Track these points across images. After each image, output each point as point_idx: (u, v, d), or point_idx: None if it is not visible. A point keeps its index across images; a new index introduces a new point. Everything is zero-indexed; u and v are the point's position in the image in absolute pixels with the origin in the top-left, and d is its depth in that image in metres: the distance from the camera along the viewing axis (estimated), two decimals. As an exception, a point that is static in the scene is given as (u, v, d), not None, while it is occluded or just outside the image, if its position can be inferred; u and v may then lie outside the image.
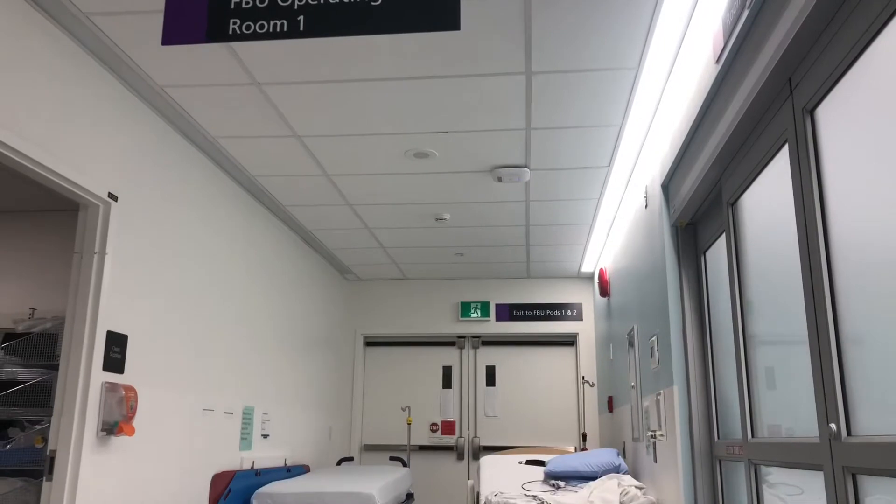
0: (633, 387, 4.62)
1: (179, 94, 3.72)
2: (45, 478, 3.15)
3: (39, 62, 2.99)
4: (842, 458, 1.75)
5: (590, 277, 7.69)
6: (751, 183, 2.60)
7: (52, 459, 3.16)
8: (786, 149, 2.24)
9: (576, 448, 7.24)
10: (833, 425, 1.78)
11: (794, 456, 2.14)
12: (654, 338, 3.88)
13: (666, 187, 3.69)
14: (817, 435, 1.91)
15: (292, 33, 2.16)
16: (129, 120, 3.66)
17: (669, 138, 3.49)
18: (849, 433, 1.75)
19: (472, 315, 7.78)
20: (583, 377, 7.44)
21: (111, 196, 3.48)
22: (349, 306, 7.94)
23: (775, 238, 2.42)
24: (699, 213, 3.39)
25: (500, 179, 4.81)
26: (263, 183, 5.01)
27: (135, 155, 3.71)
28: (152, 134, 3.88)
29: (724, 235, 3.05)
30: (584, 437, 7.25)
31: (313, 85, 3.62)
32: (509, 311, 7.78)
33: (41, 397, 3.74)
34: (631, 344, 4.73)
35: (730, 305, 2.92)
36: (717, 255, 3.24)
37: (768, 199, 2.48)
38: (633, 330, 4.65)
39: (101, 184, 3.41)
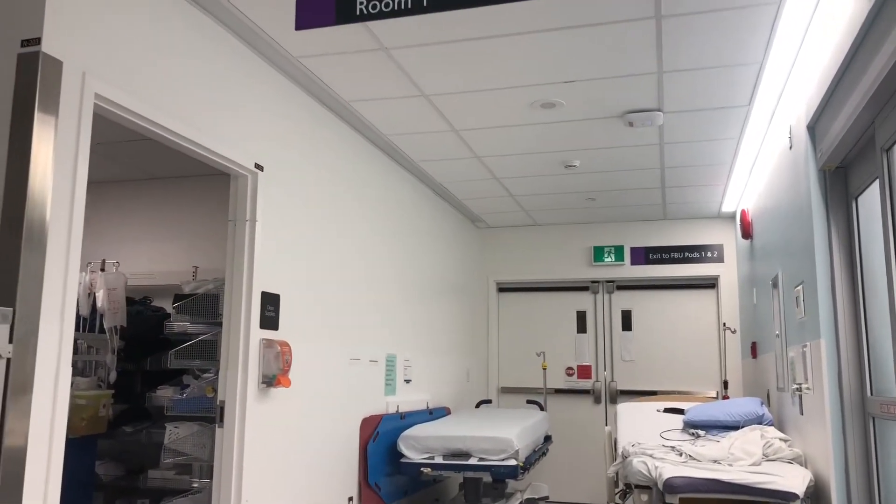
0: (777, 335, 4.45)
1: (313, 63, 3.88)
2: (217, 424, 3.52)
3: (189, 46, 3.22)
4: None
5: (731, 218, 7.36)
6: (908, 128, 2.40)
7: (222, 409, 3.51)
8: (949, 92, 2.05)
9: (717, 394, 7.10)
10: None
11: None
12: (800, 287, 3.71)
13: (812, 129, 3.46)
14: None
15: (416, 9, 2.20)
16: (270, 92, 3.86)
17: (816, 76, 3.25)
18: None
19: (606, 259, 7.70)
20: (724, 324, 7.21)
21: (257, 166, 3.72)
22: (481, 253, 8.07)
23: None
24: (849, 156, 3.16)
25: (631, 124, 4.68)
26: (396, 141, 5.15)
27: (277, 125, 3.93)
28: (292, 103, 4.09)
29: (877, 181, 2.84)
30: (726, 384, 7.07)
31: (437, 45, 3.66)
32: (645, 255, 7.62)
33: (208, 351, 4.13)
34: (775, 287, 4.54)
35: (884, 255, 2.74)
36: (870, 200, 3.03)
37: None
38: (777, 276, 4.45)
39: (249, 155, 3.65)
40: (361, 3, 2.26)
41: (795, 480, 3.18)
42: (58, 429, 2.42)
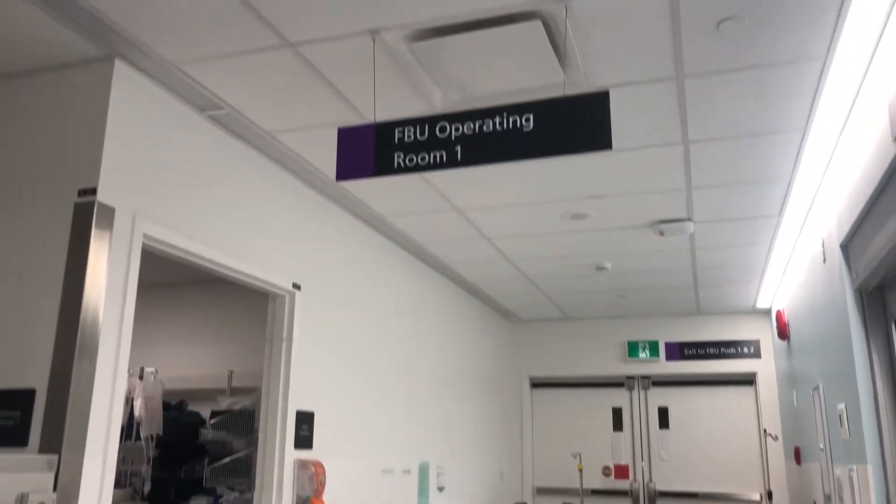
0: (821, 449, 4.32)
1: (350, 183, 4.01)
2: (251, 548, 3.49)
3: (229, 175, 3.36)
4: None
5: (766, 312, 7.27)
6: (943, 268, 2.40)
7: (257, 532, 3.49)
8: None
9: (760, 497, 6.85)
10: None
11: None
12: (843, 406, 3.63)
13: (845, 248, 3.46)
14: None
15: (451, 163, 2.29)
16: (308, 212, 3.99)
17: (846, 193, 3.27)
18: None
19: (641, 355, 7.61)
20: (765, 430, 7.00)
21: (295, 286, 3.80)
22: (513, 348, 8.03)
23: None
24: (887, 278, 3.15)
25: (661, 234, 4.72)
26: (429, 248, 5.24)
27: (314, 244, 4.03)
28: (328, 221, 4.21)
29: (916, 310, 2.82)
30: (770, 495, 6.79)
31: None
32: (680, 350, 7.53)
33: (243, 466, 4.14)
34: (817, 399, 4.44)
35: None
36: (910, 325, 3.00)
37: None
38: (818, 388, 4.36)
39: (287, 276, 3.74)
40: (399, 157, 2.36)
41: None
42: (96, 571, 2.43)
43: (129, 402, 5.05)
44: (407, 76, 2.77)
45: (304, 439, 3.74)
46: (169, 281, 6.20)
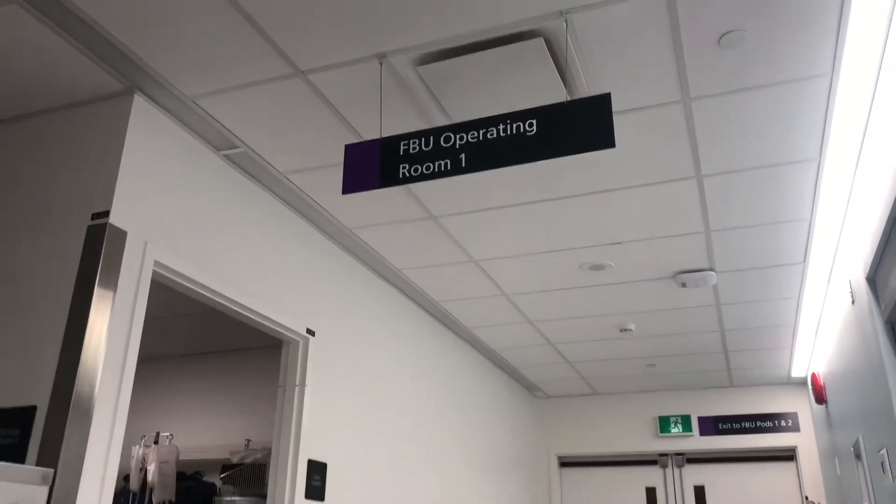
0: (866, 508, 4.04)
1: (367, 234, 4.03)
2: None
3: (245, 217, 3.40)
4: None
5: (803, 383, 7.00)
6: (970, 270, 2.30)
7: (263, 588, 3.31)
8: None
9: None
10: None
11: None
12: (885, 450, 3.41)
13: (872, 280, 3.35)
14: None
15: (456, 170, 2.30)
16: (323, 260, 4.00)
17: (869, 228, 3.20)
18: None
19: (673, 430, 7.31)
20: (806, 497, 6.62)
21: (309, 331, 3.77)
22: (540, 425, 7.78)
23: None
24: (916, 306, 3.02)
25: (684, 285, 4.63)
26: (446, 307, 5.19)
27: (329, 292, 4.02)
28: (344, 271, 4.21)
29: (949, 330, 2.68)
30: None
31: (485, 212, 3.78)
32: (714, 425, 7.22)
33: (254, 525, 3.98)
34: (858, 457, 4.19)
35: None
36: (946, 352, 2.85)
37: None
38: (858, 441, 4.13)
39: (301, 321, 3.71)
40: (404, 167, 2.37)
41: None
42: None
43: (143, 468, 4.96)
44: (412, 100, 2.83)
45: (315, 490, 3.61)
46: (184, 352, 6.19)
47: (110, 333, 2.55)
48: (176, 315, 5.31)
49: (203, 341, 5.95)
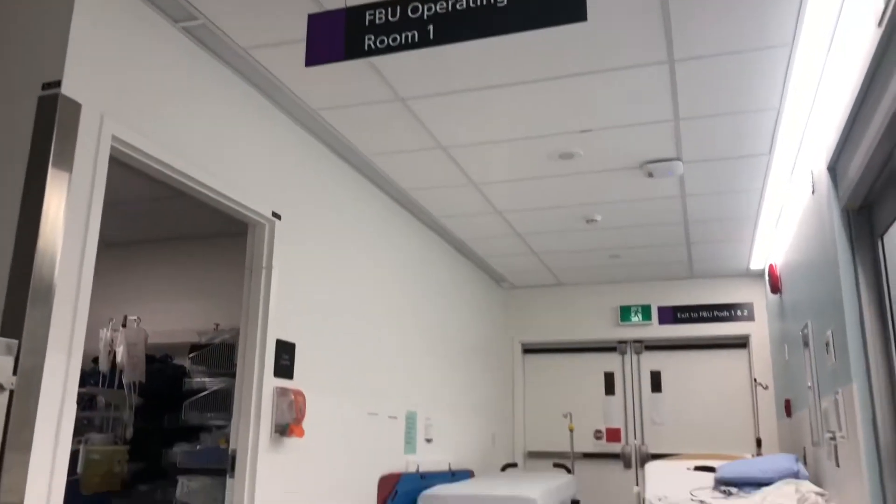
0: (809, 387, 4.27)
1: (333, 116, 3.95)
2: (228, 475, 3.44)
3: (208, 95, 3.30)
4: None
5: (760, 275, 7.22)
6: (927, 153, 2.34)
7: (234, 458, 3.44)
8: (965, 110, 2.00)
9: (752, 456, 6.80)
10: None
11: None
12: (830, 332, 3.57)
13: (833, 169, 3.40)
14: None
15: (423, 43, 2.24)
16: (288, 144, 3.93)
17: (834, 117, 3.22)
18: None
19: (633, 319, 7.56)
20: (755, 379, 6.98)
21: (275, 215, 3.75)
22: (505, 314, 7.98)
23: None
24: (872, 192, 3.09)
25: (650, 175, 4.66)
26: (415, 196, 5.18)
27: (295, 176, 3.98)
28: (311, 155, 4.15)
29: (902, 215, 2.76)
30: (759, 442, 6.79)
31: (453, 95, 3.71)
32: (673, 314, 7.48)
33: (224, 402, 4.08)
34: (805, 342, 4.39)
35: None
36: (897, 237, 2.94)
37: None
38: (806, 326, 4.31)
39: (266, 203, 3.68)
40: (370, 39, 2.30)
41: (833, 535, 2.98)
42: (58, 469, 2.37)
43: (111, 351, 5.01)
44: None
45: (284, 369, 3.69)
46: (152, 237, 6.15)
47: (69, 211, 2.50)
48: (142, 200, 5.24)
49: (170, 227, 5.90)
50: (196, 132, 3.21)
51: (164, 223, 5.81)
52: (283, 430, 3.54)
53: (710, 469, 4.53)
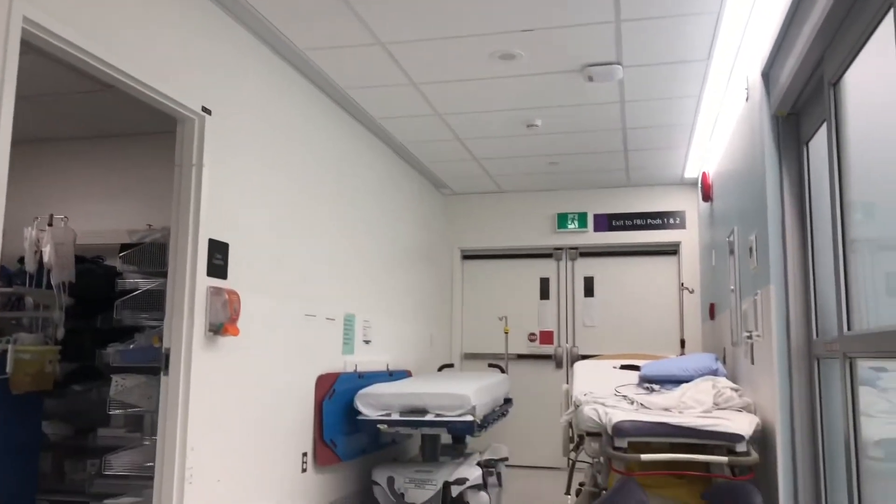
0: (732, 290, 4.47)
1: (264, 5, 3.77)
2: (162, 373, 3.44)
3: (128, -21, 3.09)
4: (936, 341, 1.65)
5: (693, 184, 7.39)
6: (853, 58, 2.38)
7: (167, 356, 3.43)
8: (890, 16, 2.03)
9: (675, 356, 7.16)
10: (928, 307, 1.67)
11: (888, 344, 2.03)
12: (754, 237, 3.71)
13: (766, 75, 3.45)
14: (913, 321, 1.80)
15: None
16: (219, 37, 3.75)
17: (771, 23, 3.23)
18: (945, 315, 1.64)
19: (570, 226, 7.69)
20: (681, 283, 7.27)
21: (205, 110, 3.61)
22: (446, 220, 8.02)
23: (882, 121, 2.22)
24: (801, 100, 3.15)
25: (591, 79, 4.64)
26: (353, 95, 5.05)
27: (226, 71, 3.81)
28: (243, 48, 3.97)
29: (825, 124, 2.83)
30: (683, 343, 7.14)
31: (392, -13, 3.57)
32: (608, 222, 7.63)
33: (158, 302, 4.04)
34: (731, 249, 4.56)
35: (829, 193, 2.74)
36: (821, 145, 3.02)
37: (873, 79, 2.27)
38: (732, 233, 4.47)
39: (195, 98, 3.54)
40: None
41: (742, 424, 3.20)
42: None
43: (38, 251, 4.85)
44: None
45: (217, 268, 3.65)
46: (80, 135, 5.88)
47: (-22, 94, 2.36)
48: (64, 94, 4.97)
49: (99, 124, 5.65)
50: (119, 19, 3.02)
51: (92, 119, 5.55)
52: (218, 329, 3.53)
53: (635, 368, 4.75)
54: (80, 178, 5.92)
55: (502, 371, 6.77)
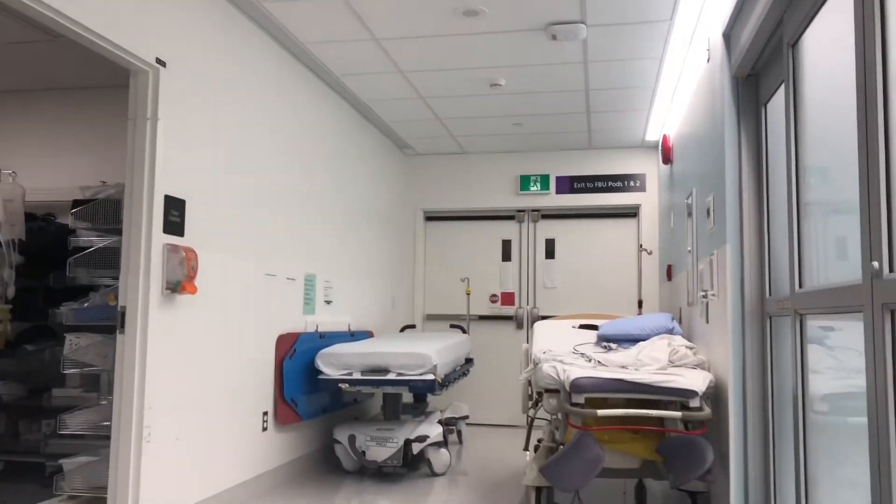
0: (689, 251, 4.54)
1: (220, -46, 3.64)
2: (118, 331, 3.38)
3: (75, -79, 2.96)
4: (882, 295, 1.69)
5: (654, 147, 7.45)
6: (811, 19, 2.40)
7: (123, 315, 3.38)
8: (851, -26, 2.04)
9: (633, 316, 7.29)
10: (875, 263, 1.71)
11: (837, 300, 2.09)
12: (711, 198, 3.76)
13: (727, 36, 3.46)
14: (860, 277, 1.85)
15: None
16: (171, -17, 3.62)
17: (733, -18, 3.23)
18: (891, 270, 1.68)
19: (532, 188, 7.71)
20: (640, 245, 7.37)
21: (159, 61, 3.50)
22: (408, 181, 7.97)
23: (838, 84, 2.25)
24: (761, 61, 3.17)
25: (554, 37, 4.61)
26: (314, 50, 4.95)
27: (182, 22, 3.69)
28: (197, 2, 3.85)
29: (784, 85, 2.86)
30: (641, 304, 7.27)
31: (353, -62, 3.48)
32: (570, 184, 7.67)
33: (113, 260, 3.95)
34: (689, 211, 4.62)
35: (785, 154, 2.78)
36: (779, 106, 3.06)
37: (831, 41, 2.29)
38: (691, 195, 4.52)
39: (149, 49, 3.43)
40: None
41: (696, 380, 3.27)
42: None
43: (-14, 207, 4.70)
44: None
45: (174, 225, 3.58)
46: (29, 87, 5.67)
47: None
48: (9, 43, 4.77)
49: (49, 76, 5.45)
50: (63, -38, 2.89)
51: (40, 71, 5.34)
52: (175, 287, 3.48)
53: (594, 327, 4.82)
54: (29, 132, 5.72)
55: (464, 332, 6.82)
